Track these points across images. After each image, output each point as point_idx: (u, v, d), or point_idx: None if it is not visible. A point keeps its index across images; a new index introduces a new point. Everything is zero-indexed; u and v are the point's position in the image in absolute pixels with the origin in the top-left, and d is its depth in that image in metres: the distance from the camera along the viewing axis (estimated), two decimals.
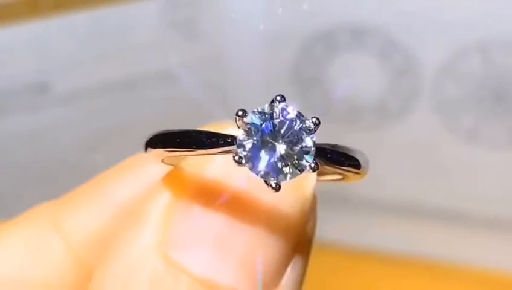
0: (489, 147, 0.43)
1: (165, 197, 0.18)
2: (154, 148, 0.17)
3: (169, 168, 0.18)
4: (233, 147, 0.16)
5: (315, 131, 0.16)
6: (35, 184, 0.42)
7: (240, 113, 0.16)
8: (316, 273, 0.19)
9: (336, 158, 0.17)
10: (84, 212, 0.21)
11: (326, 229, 0.41)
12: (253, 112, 0.16)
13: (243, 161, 0.16)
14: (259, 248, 0.17)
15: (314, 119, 0.16)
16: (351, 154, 0.17)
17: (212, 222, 0.17)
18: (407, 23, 0.41)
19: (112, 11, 0.39)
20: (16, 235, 0.21)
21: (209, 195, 0.17)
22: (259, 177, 0.16)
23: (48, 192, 0.43)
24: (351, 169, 0.17)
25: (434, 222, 0.45)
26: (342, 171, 0.17)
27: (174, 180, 0.18)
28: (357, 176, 0.18)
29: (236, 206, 0.17)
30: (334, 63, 0.43)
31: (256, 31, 0.42)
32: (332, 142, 0.19)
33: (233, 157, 0.16)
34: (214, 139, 0.16)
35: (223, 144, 0.16)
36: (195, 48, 0.42)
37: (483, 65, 0.41)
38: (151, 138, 0.17)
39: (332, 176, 0.19)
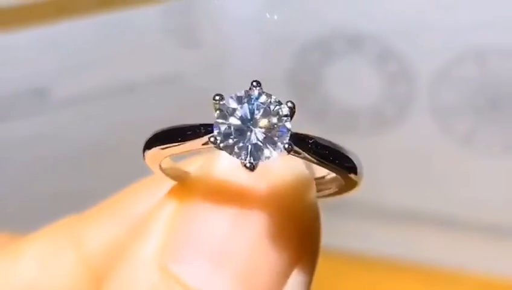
0: (485, 153, 0.43)
1: (167, 211, 0.18)
2: (149, 149, 0.17)
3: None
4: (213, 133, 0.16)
5: (291, 115, 0.17)
6: (33, 188, 0.42)
7: (217, 97, 0.16)
8: (314, 278, 0.19)
9: (320, 151, 0.17)
10: (102, 229, 0.22)
11: (322, 235, 0.42)
12: (230, 96, 0.17)
13: (218, 142, 0.16)
14: (258, 261, 0.17)
15: (289, 104, 0.17)
16: (343, 152, 0.17)
17: (211, 235, 0.17)
18: (403, 30, 0.41)
19: (111, 17, 0.39)
20: (33, 249, 0.22)
21: (209, 207, 0.17)
22: (235, 158, 0.16)
23: (47, 196, 0.43)
24: (338, 168, 0.17)
25: (430, 227, 0.45)
26: (327, 167, 0.17)
27: (176, 192, 0.18)
28: (349, 181, 0.18)
29: (236, 218, 0.17)
30: (331, 69, 0.43)
31: (254, 37, 0.42)
32: None
33: (209, 138, 0.16)
34: (196, 130, 0.16)
35: (204, 132, 0.16)
36: (193, 54, 0.42)
37: (478, 72, 0.42)
38: (146, 142, 0.18)
39: (328, 187, 0.19)
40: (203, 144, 0.16)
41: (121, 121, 0.42)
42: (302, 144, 0.16)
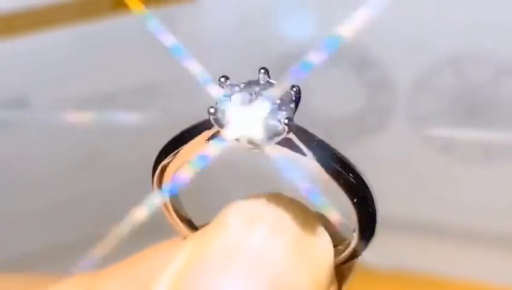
0: (465, 160, 0.43)
1: (173, 268, 0.17)
2: (155, 171, 0.17)
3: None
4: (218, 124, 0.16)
5: (296, 99, 0.17)
6: (13, 198, 0.42)
7: (222, 79, 0.17)
8: None
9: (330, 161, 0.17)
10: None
11: None
12: (236, 82, 0.17)
13: (221, 122, 0.16)
14: None
15: (294, 88, 0.17)
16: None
17: None
18: (382, 39, 0.41)
19: (89, 27, 0.39)
20: None
21: (220, 267, 0.16)
22: (236, 138, 0.16)
23: (29, 204, 0.43)
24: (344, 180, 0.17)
25: (411, 234, 0.46)
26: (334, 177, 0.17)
27: (186, 248, 0.17)
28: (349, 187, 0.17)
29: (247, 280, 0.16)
30: (311, 79, 0.43)
31: (233, 47, 0.43)
32: None
33: (210, 113, 0.16)
34: (202, 124, 0.17)
35: (207, 124, 0.16)
36: (173, 64, 0.42)
37: (456, 80, 0.42)
38: (153, 166, 0.17)
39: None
40: (207, 139, 0.16)
41: (102, 131, 0.42)
42: (303, 135, 0.17)
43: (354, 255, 0.19)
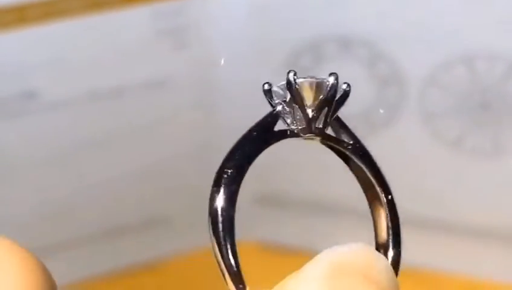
0: (475, 156, 0.43)
1: None
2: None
3: None
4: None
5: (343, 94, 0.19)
6: (20, 189, 0.42)
7: (266, 86, 0.19)
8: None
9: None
10: None
11: (309, 239, 0.42)
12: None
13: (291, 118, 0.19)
14: None
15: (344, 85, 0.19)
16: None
17: None
18: (393, 34, 0.41)
19: (100, 19, 0.39)
20: None
21: None
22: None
23: (34, 198, 0.43)
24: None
25: (419, 231, 0.46)
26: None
27: None
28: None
29: None
30: (321, 74, 0.43)
31: (245, 41, 0.43)
32: (320, 153, 0.19)
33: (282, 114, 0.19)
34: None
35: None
36: (183, 56, 0.42)
37: (467, 76, 0.42)
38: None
39: None
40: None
41: (111, 124, 0.42)
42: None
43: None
